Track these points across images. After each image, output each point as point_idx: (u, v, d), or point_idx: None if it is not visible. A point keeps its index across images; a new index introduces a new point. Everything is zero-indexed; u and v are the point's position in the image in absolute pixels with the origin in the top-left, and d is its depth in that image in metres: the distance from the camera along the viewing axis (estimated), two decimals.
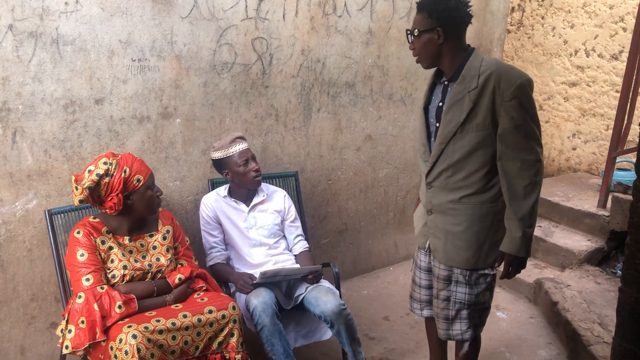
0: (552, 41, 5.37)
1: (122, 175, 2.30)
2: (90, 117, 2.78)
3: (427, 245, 2.40)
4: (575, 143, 5.32)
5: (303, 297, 2.74)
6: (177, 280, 2.46)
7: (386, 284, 4.10)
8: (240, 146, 2.86)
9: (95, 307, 2.21)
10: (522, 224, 2.08)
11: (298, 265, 2.94)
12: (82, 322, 2.20)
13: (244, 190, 2.94)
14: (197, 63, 3.03)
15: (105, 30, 2.71)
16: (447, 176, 2.21)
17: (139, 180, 2.35)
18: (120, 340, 2.08)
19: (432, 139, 2.26)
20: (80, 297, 2.23)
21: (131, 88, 2.86)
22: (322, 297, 2.67)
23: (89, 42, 2.68)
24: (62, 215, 2.66)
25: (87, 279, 2.27)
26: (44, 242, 2.78)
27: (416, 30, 2.15)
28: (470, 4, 2.17)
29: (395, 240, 4.40)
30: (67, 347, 2.22)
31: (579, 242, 4.01)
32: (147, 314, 2.27)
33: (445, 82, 2.22)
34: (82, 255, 2.32)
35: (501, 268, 2.27)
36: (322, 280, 2.85)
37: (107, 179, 2.28)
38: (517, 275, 3.94)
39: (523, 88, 2.03)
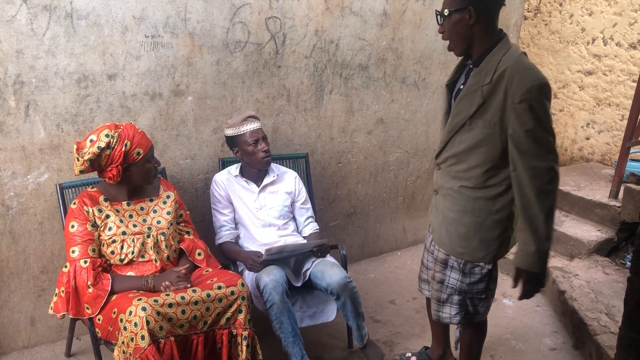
0: (570, 29, 5.28)
1: (123, 148, 2.32)
2: (103, 92, 2.78)
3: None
4: (589, 133, 5.26)
5: (310, 272, 2.76)
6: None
7: (393, 268, 4.11)
8: (251, 125, 2.85)
9: (73, 283, 2.30)
10: (536, 237, 1.98)
11: (304, 241, 2.95)
12: (63, 291, 2.32)
13: (254, 170, 2.94)
14: (210, 41, 3.01)
15: (119, 6, 2.70)
16: (451, 163, 2.20)
17: (138, 154, 2.37)
18: (130, 313, 2.10)
19: None
20: (66, 266, 2.34)
21: (144, 64, 2.85)
22: (328, 270, 2.71)
23: (103, 17, 2.68)
24: (73, 189, 2.68)
25: (73, 251, 2.34)
26: (55, 215, 2.80)
27: (446, 10, 2.06)
28: None
29: (403, 225, 4.40)
30: (51, 308, 2.36)
31: (589, 232, 3.98)
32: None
33: (470, 66, 2.16)
34: (72, 226, 2.37)
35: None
36: (328, 257, 2.87)
37: (108, 152, 2.31)
38: None
39: (534, 92, 1.91)
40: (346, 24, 3.52)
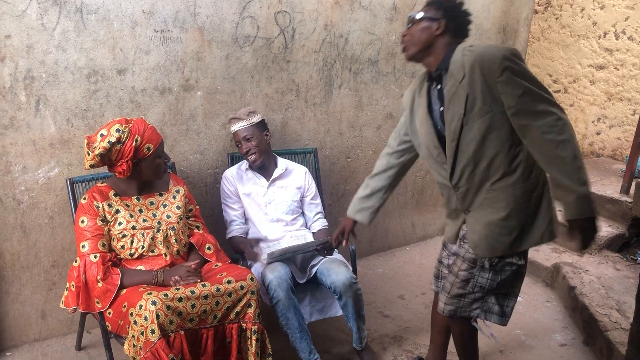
0: (581, 22, 5.24)
1: (133, 143, 2.32)
2: (113, 87, 2.79)
3: (458, 240, 2.30)
4: (600, 128, 5.22)
5: (316, 269, 2.76)
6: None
7: (402, 263, 4.10)
8: (234, 126, 2.88)
9: (83, 277, 2.31)
10: (571, 185, 1.92)
11: (308, 239, 2.95)
12: (73, 286, 2.33)
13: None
14: (219, 35, 3.01)
15: (128, 0, 2.70)
16: (470, 171, 2.12)
17: (149, 149, 2.37)
18: (140, 307, 2.11)
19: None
20: (76, 261, 2.35)
21: (153, 59, 2.85)
22: (335, 268, 2.69)
23: (113, 11, 2.68)
24: (83, 184, 2.69)
25: (83, 246, 2.35)
26: (65, 210, 2.82)
27: (420, 14, 2.12)
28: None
29: (412, 221, 4.39)
30: (62, 302, 2.38)
31: (600, 228, 3.95)
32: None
33: (439, 87, 2.15)
34: (82, 221, 2.39)
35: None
36: (336, 254, 2.86)
37: (118, 147, 2.31)
38: (535, 259, 3.87)
39: (507, 59, 1.93)
40: (356, 18, 3.50)
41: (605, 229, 3.95)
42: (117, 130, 2.30)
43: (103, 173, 2.73)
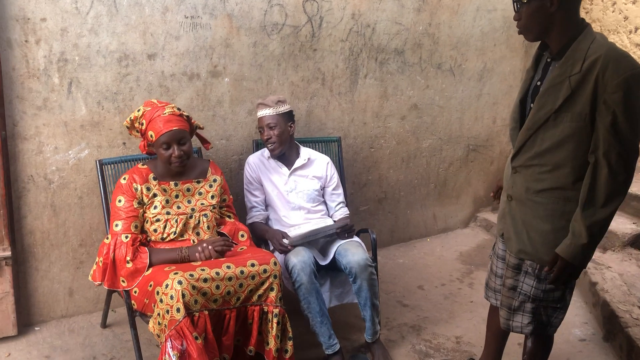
0: (612, 17, 5.15)
1: (142, 126, 2.46)
2: (143, 71, 2.84)
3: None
4: None
5: (335, 251, 2.79)
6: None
7: (422, 254, 4.11)
8: (260, 112, 2.88)
9: (112, 255, 2.37)
10: (588, 232, 1.85)
11: (329, 222, 2.96)
12: (101, 261, 2.40)
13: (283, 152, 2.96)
14: (247, 23, 3.04)
15: None
16: (533, 164, 1.99)
17: (152, 136, 2.44)
18: (167, 286, 2.16)
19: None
20: (107, 238, 2.42)
21: (183, 45, 2.89)
22: (352, 249, 2.73)
23: None
24: (112, 165, 2.75)
25: (117, 225, 2.42)
26: (94, 190, 2.88)
27: None
28: None
29: (434, 212, 4.39)
30: (90, 275, 2.47)
31: (624, 225, 3.91)
32: (192, 262, 2.37)
33: (548, 60, 1.97)
34: (119, 201, 2.45)
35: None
36: (356, 238, 2.91)
37: (136, 124, 2.49)
38: None
39: (633, 81, 1.75)
40: (383, 7, 3.50)
41: (630, 226, 3.90)
42: (139, 110, 2.46)
43: (132, 155, 2.79)
